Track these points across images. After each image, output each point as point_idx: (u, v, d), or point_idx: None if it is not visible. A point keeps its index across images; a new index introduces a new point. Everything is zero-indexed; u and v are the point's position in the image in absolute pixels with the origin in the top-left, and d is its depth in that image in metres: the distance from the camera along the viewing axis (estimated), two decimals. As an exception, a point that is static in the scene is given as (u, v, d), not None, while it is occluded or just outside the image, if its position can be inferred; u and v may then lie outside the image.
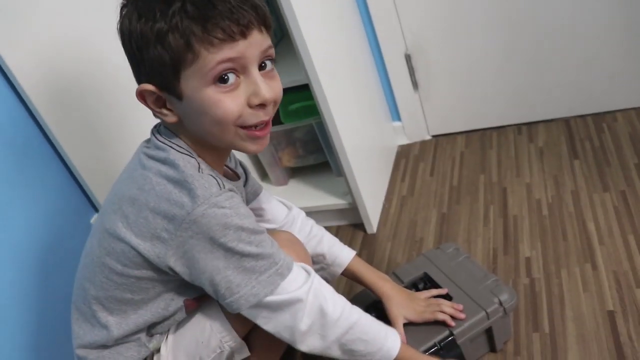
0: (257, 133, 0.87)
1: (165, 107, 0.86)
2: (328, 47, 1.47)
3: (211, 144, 0.90)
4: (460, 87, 1.85)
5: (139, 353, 0.96)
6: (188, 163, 0.86)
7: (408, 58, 1.81)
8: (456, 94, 1.87)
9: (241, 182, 1.06)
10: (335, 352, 0.93)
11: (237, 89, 0.83)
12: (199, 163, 0.87)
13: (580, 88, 1.75)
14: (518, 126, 1.86)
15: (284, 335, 0.90)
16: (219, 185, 0.84)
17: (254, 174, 1.89)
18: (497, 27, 1.70)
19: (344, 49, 1.62)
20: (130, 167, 0.94)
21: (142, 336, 0.96)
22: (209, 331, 0.96)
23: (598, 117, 1.77)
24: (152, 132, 0.93)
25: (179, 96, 0.83)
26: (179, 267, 0.87)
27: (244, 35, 0.80)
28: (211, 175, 0.85)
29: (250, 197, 1.14)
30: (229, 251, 0.84)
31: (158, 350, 0.98)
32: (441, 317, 1.09)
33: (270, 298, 0.87)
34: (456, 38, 1.75)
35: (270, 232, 1.05)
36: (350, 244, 1.59)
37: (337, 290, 0.95)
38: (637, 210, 1.39)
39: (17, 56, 1.09)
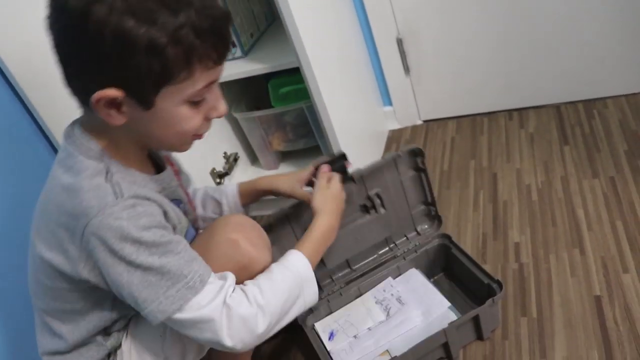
0: (199, 138, 0.88)
1: (117, 109, 0.78)
2: (319, 30, 1.45)
3: (147, 146, 0.89)
4: (452, 72, 1.84)
5: (98, 352, 0.93)
6: (93, 170, 0.81)
7: (400, 42, 1.80)
8: (448, 79, 1.86)
9: (169, 171, 0.97)
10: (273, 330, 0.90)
11: (202, 104, 0.83)
12: (107, 167, 0.82)
13: (571, 74, 1.75)
14: (509, 112, 1.86)
15: (215, 347, 0.86)
16: (115, 194, 0.79)
17: (243, 158, 1.89)
18: (490, 12, 1.69)
19: (335, 33, 1.60)
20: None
21: (99, 337, 0.93)
22: (164, 326, 0.91)
23: (589, 103, 1.77)
24: (67, 131, 0.86)
25: (148, 106, 0.78)
26: (94, 279, 0.83)
27: (225, 59, 0.80)
28: (111, 185, 0.80)
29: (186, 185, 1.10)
30: (130, 264, 0.79)
31: (120, 346, 0.95)
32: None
33: (180, 315, 0.81)
34: (448, 23, 1.74)
35: (224, 216, 1.05)
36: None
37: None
38: (625, 197, 1.39)
39: (2, 38, 1.07)
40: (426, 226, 1.35)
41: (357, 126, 1.70)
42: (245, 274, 0.95)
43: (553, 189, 1.49)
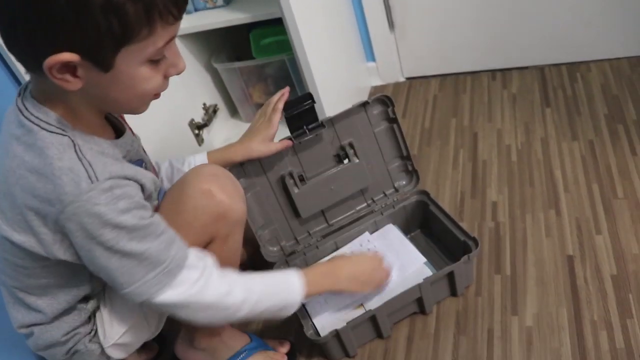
0: (157, 97, 0.84)
1: (72, 73, 0.73)
2: (303, -21, 1.41)
3: (105, 110, 0.85)
4: (437, 29, 1.82)
5: (80, 317, 0.94)
6: (60, 146, 0.76)
7: (386, -4, 1.77)
8: (432, 37, 1.83)
9: (129, 133, 0.92)
10: (244, 320, 0.96)
11: (161, 63, 0.79)
12: (73, 141, 0.77)
13: (557, 37, 1.74)
14: (492, 72, 1.85)
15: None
16: (90, 178, 0.75)
17: (223, 110, 1.86)
18: (478, -33, 1.66)
19: (320, -17, 1.56)
20: (1, 146, 0.82)
21: (79, 305, 0.93)
22: None
23: (572, 66, 1.76)
24: (18, 104, 0.79)
25: (107, 68, 0.73)
26: (70, 257, 0.82)
27: (182, 14, 0.76)
28: (84, 164, 0.76)
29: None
30: (109, 250, 0.78)
31: (99, 307, 0.96)
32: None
33: (159, 300, 0.82)
34: (436, -23, 1.71)
35: (195, 167, 1.02)
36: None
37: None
38: (603, 161, 1.40)
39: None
40: (404, 182, 1.35)
41: (339, 81, 1.68)
42: (221, 224, 0.95)
43: (533, 150, 1.49)
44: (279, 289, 0.97)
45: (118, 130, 0.91)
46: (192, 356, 1.11)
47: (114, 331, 0.95)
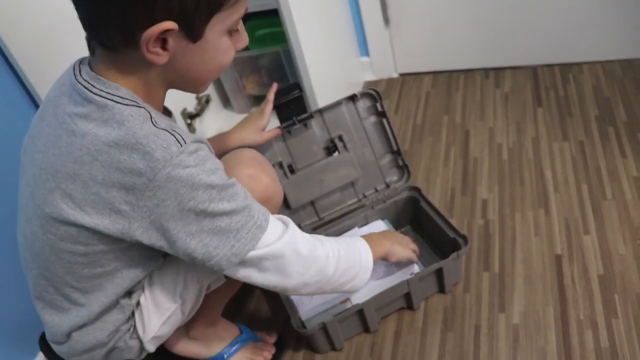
0: (218, 76, 0.88)
1: (162, 47, 0.74)
2: (300, -29, 1.41)
3: (176, 86, 0.84)
4: (432, 26, 1.81)
5: (123, 314, 0.91)
6: (139, 117, 0.75)
7: (382, -9, 1.77)
8: (427, 34, 1.83)
9: (174, 118, 0.95)
10: (327, 289, 0.94)
11: (234, 35, 0.81)
12: (149, 112, 0.76)
13: (551, 38, 1.74)
14: (486, 71, 1.85)
15: (276, 289, 0.89)
16: (178, 142, 0.74)
17: (216, 100, 1.85)
18: (475, -35, 1.66)
19: (316, -25, 1.56)
20: (51, 132, 0.80)
21: (122, 300, 0.90)
22: (184, 272, 0.92)
23: (565, 67, 1.77)
24: (81, 82, 0.77)
25: (196, 38, 0.75)
26: (148, 239, 0.79)
27: None
28: (167, 130, 0.75)
29: None
30: (201, 214, 0.77)
31: (138, 303, 0.93)
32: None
33: (253, 253, 0.82)
34: (432, -26, 1.70)
35: (234, 152, 1.02)
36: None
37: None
38: (592, 162, 1.41)
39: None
40: (395, 178, 1.35)
41: (333, 74, 1.67)
42: (268, 207, 0.94)
43: (523, 149, 1.50)
44: (354, 248, 0.98)
45: (167, 113, 0.92)
46: (184, 347, 1.10)
47: (153, 324, 0.93)
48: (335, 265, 0.91)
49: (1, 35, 1.09)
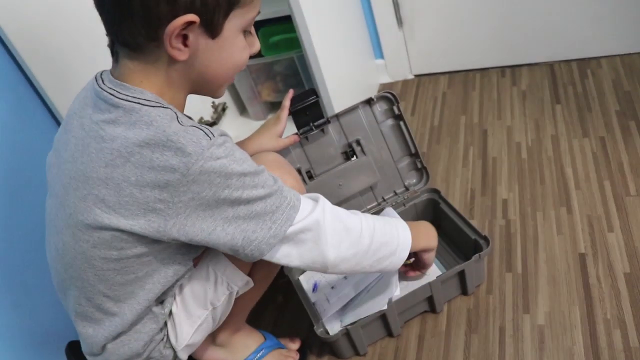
0: (232, 81, 0.90)
1: (184, 42, 0.77)
2: (312, -24, 1.41)
3: (196, 87, 0.86)
4: (446, 26, 1.80)
5: (157, 324, 0.92)
6: (166, 117, 0.77)
7: (394, -7, 1.76)
8: (441, 33, 1.82)
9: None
10: (365, 265, 0.94)
11: (247, 37, 0.85)
12: (175, 112, 0.79)
13: (567, 33, 1.72)
14: (502, 69, 1.84)
15: (315, 266, 0.90)
16: (207, 135, 0.77)
17: (232, 108, 1.86)
18: (488, -37, 1.65)
19: (328, -20, 1.56)
20: (78, 142, 0.82)
21: (155, 309, 0.91)
22: (214, 278, 0.93)
23: (583, 62, 1.75)
24: (105, 89, 0.79)
25: (215, 34, 0.78)
26: (185, 236, 0.80)
27: None
28: (194, 126, 0.78)
29: None
30: (236, 201, 0.79)
31: (170, 313, 0.94)
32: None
33: (291, 230, 0.84)
34: (445, -26, 1.70)
35: (256, 156, 1.03)
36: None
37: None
38: (614, 157, 1.39)
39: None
40: (414, 180, 1.34)
41: (348, 78, 1.67)
42: None
43: (543, 148, 1.48)
44: (391, 225, 0.98)
45: None
46: (211, 354, 1.10)
47: (185, 332, 0.94)
48: (371, 238, 0.92)
49: (20, 52, 1.11)
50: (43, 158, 0.92)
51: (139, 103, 0.77)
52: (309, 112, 1.20)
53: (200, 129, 0.77)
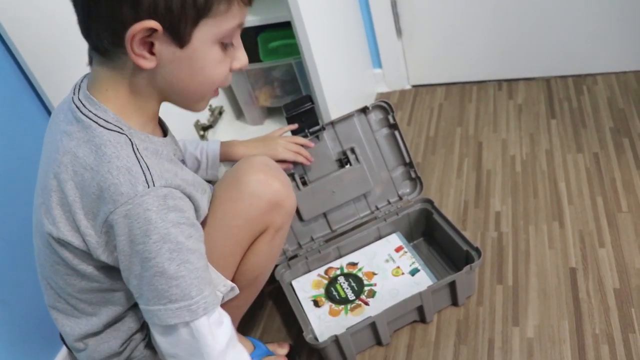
0: (216, 95, 0.84)
1: (149, 50, 0.73)
2: (313, -17, 1.42)
3: (164, 101, 0.83)
4: (445, 38, 1.82)
5: (136, 323, 0.91)
6: (117, 144, 0.74)
7: (394, 4, 1.77)
8: (440, 45, 1.84)
9: (170, 136, 0.91)
10: None
11: (228, 50, 0.79)
12: (131, 139, 0.76)
13: (564, 48, 1.74)
14: (499, 82, 1.85)
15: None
16: (147, 182, 0.73)
17: (229, 112, 1.86)
18: (488, -22, 1.66)
19: (329, -12, 1.56)
20: (46, 148, 0.82)
21: (133, 308, 0.90)
22: None
23: (579, 78, 1.76)
24: (74, 102, 0.78)
25: (183, 43, 0.73)
26: (113, 262, 0.78)
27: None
28: (141, 167, 0.74)
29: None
30: (145, 262, 0.74)
31: None
32: (292, 157, 1.20)
33: (169, 329, 0.78)
34: (445, -14, 1.71)
35: (245, 158, 1.01)
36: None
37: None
38: (607, 173, 1.40)
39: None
40: (408, 190, 1.35)
41: (346, 86, 1.68)
42: (276, 213, 0.95)
43: (537, 161, 1.49)
44: None
45: (163, 130, 0.90)
46: None
47: None
48: None
49: (18, 48, 1.10)
50: (37, 154, 0.92)
51: (96, 122, 0.75)
52: (304, 118, 1.21)
53: (145, 173, 0.74)
